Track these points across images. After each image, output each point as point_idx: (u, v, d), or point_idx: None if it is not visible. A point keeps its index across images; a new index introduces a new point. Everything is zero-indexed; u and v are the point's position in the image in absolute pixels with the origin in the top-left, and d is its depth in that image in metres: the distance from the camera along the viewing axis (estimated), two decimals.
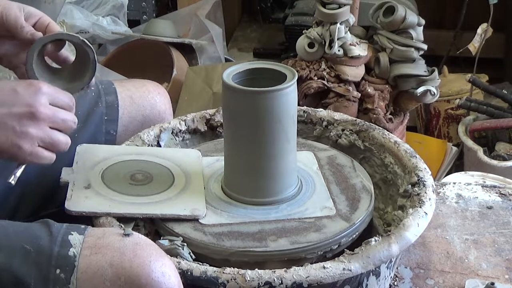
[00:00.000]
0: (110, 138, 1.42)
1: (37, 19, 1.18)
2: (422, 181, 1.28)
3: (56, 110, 1.08)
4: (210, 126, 1.50)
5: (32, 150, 1.07)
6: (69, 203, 1.19)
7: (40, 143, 1.07)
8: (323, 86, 2.00)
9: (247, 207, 1.25)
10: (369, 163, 1.43)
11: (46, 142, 1.08)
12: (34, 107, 1.05)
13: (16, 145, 1.05)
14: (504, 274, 1.34)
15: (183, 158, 1.36)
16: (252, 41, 3.35)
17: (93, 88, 1.44)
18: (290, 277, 1.07)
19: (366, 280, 1.15)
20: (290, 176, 1.27)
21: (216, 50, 2.79)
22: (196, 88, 2.53)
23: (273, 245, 1.16)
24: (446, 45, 2.83)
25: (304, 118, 1.50)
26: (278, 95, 1.19)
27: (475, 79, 2.42)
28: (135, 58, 2.79)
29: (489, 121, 2.33)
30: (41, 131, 1.06)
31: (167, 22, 2.87)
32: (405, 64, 2.00)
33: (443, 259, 1.39)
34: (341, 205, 1.26)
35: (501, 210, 1.53)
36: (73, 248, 1.00)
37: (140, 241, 1.03)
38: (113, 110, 1.43)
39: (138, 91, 1.47)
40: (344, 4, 1.98)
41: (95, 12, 2.92)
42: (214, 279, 1.07)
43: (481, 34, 2.42)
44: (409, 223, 1.17)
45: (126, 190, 1.25)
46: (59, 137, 1.09)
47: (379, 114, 2.00)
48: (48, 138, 1.07)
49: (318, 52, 2.03)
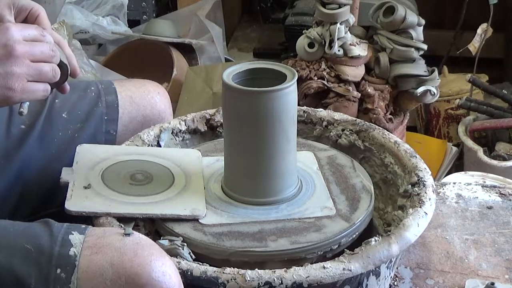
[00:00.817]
0: (110, 138, 1.42)
1: (28, 12, 1.18)
2: (422, 181, 1.28)
3: (31, 43, 1.07)
4: (210, 126, 1.50)
5: (23, 87, 1.06)
6: (69, 203, 1.20)
7: (28, 78, 1.06)
8: (323, 86, 2.00)
9: (247, 207, 1.25)
10: (369, 163, 1.43)
11: (34, 75, 1.07)
12: (10, 46, 1.04)
13: (6, 87, 1.04)
14: (504, 274, 1.34)
15: (183, 158, 1.36)
16: (252, 41, 3.35)
17: (93, 88, 1.44)
18: (290, 277, 1.07)
19: (366, 280, 1.15)
20: (290, 176, 1.27)
21: (216, 50, 2.79)
22: (196, 88, 2.53)
23: (273, 245, 1.16)
24: (446, 45, 2.83)
25: (304, 118, 1.50)
26: (278, 95, 1.19)
27: (475, 79, 2.42)
28: (135, 58, 2.79)
29: (489, 121, 2.33)
30: (25, 66, 1.05)
31: (167, 22, 2.87)
32: (405, 64, 2.00)
33: (443, 259, 1.39)
34: (341, 205, 1.26)
35: (501, 210, 1.53)
36: (73, 248, 1.00)
37: (140, 240, 1.03)
38: (113, 110, 1.43)
39: (138, 91, 1.47)
40: (344, 4, 1.98)
41: (95, 12, 2.92)
42: (214, 279, 1.07)
43: (481, 34, 2.42)
44: (409, 223, 1.17)
45: (126, 190, 1.25)
46: (44, 67, 1.08)
47: (379, 114, 2.00)
48: (34, 70, 1.06)
49: (318, 52, 2.03)
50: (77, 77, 1.22)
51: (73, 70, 1.19)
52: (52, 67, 1.10)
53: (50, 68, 1.09)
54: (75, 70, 1.20)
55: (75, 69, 1.20)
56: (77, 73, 1.20)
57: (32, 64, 1.06)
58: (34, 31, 1.09)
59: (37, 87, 1.08)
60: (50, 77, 1.09)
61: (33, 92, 1.08)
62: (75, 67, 1.20)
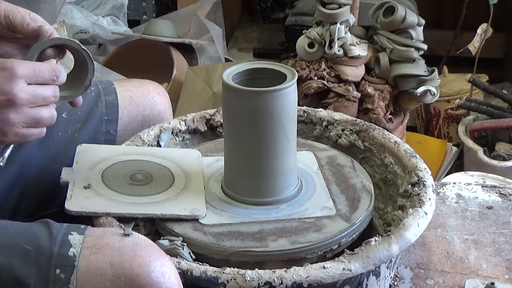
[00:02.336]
0: (110, 138, 1.42)
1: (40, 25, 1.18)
2: (422, 181, 1.28)
3: (34, 90, 1.05)
4: (210, 126, 1.50)
5: (17, 132, 1.05)
6: (69, 203, 1.19)
7: (24, 125, 1.06)
8: (323, 86, 2.00)
9: (247, 207, 1.25)
10: (369, 163, 1.43)
11: (30, 122, 1.06)
12: (11, 94, 1.03)
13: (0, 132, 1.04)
14: (504, 274, 1.34)
15: (183, 158, 1.36)
16: (252, 41, 3.35)
17: (93, 88, 1.44)
18: (290, 277, 1.07)
19: (366, 280, 1.15)
20: (290, 176, 1.27)
21: (216, 50, 2.79)
22: (196, 88, 2.53)
23: (273, 245, 1.16)
24: (446, 45, 2.83)
25: (304, 118, 1.50)
26: (278, 95, 1.19)
27: (475, 79, 2.42)
28: (135, 58, 2.79)
29: (489, 121, 2.33)
30: (22, 114, 1.05)
31: (167, 22, 2.87)
32: (405, 64, 2.00)
33: (443, 259, 1.39)
34: (341, 205, 1.26)
35: (501, 210, 1.53)
36: (73, 248, 1.00)
37: (140, 241, 1.03)
38: (113, 110, 1.43)
39: (137, 91, 1.47)
40: (344, 4, 1.98)
41: (95, 12, 2.92)
42: (214, 279, 1.07)
43: (481, 34, 2.42)
44: (409, 223, 1.17)
45: (126, 190, 1.25)
46: (43, 114, 1.07)
47: (379, 114, 2.00)
48: (30, 118, 1.06)
49: (318, 52, 2.03)
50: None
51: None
52: (50, 113, 1.08)
53: (48, 115, 1.08)
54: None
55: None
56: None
57: (30, 112, 1.05)
58: (45, 74, 1.07)
59: (31, 133, 1.08)
60: (47, 124, 1.09)
61: (26, 137, 1.07)
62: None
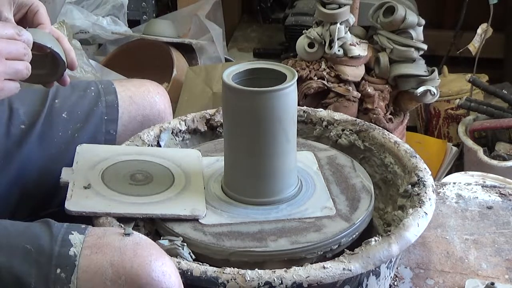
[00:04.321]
0: (110, 138, 1.42)
1: (27, 8, 1.19)
2: (422, 181, 1.28)
3: (7, 41, 1.07)
4: (210, 126, 1.50)
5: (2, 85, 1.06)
6: (69, 203, 1.20)
7: (5, 77, 1.06)
8: (323, 86, 2.00)
9: (247, 207, 1.25)
10: (369, 163, 1.43)
11: (10, 73, 1.07)
12: None
13: None
14: (504, 274, 1.34)
15: (183, 158, 1.36)
16: (252, 41, 3.35)
17: (93, 88, 1.44)
18: (290, 277, 1.07)
19: (366, 280, 1.15)
20: (290, 176, 1.27)
21: (216, 50, 2.79)
22: (196, 88, 2.53)
23: (273, 245, 1.16)
24: (446, 45, 2.83)
25: (304, 118, 1.50)
26: (278, 95, 1.19)
27: (475, 79, 2.42)
28: (135, 58, 2.79)
29: (489, 121, 2.33)
30: (2, 65, 1.06)
31: (167, 22, 2.87)
32: (405, 64, 2.00)
33: (443, 259, 1.39)
34: (341, 205, 1.26)
35: (501, 210, 1.53)
36: (73, 248, 1.01)
37: (140, 240, 1.03)
38: (113, 110, 1.43)
39: (138, 90, 1.48)
40: (344, 4, 1.98)
41: (95, 12, 2.92)
42: (214, 279, 1.07)
43: (481, 34, 2.42)
44: (409, 223, 1.17)
45: (126, 190, 1.25)
46: (19, 66, 1.08)
47: (379, 114, 2.00)
48: (10, 69, 1.07)
49: (318, 52, 2.03)
50: (77, 78, 1.22)
51: (70, 63, 1.20)
52: (26, 66, 1.10)
53: (24, 67, 1.09)
54: (73, 63, 1.21)
55: (73, 62, 1.21)
56: (75, 66, 1.22)
57: (8, 63, 1.07)
58: (11, 30, 1.09)
59: (11, 86, 1.08)
60: (24, 75, 1.09)
61: (8, 91, 1.08)
62: (73, 60, 1.21)
